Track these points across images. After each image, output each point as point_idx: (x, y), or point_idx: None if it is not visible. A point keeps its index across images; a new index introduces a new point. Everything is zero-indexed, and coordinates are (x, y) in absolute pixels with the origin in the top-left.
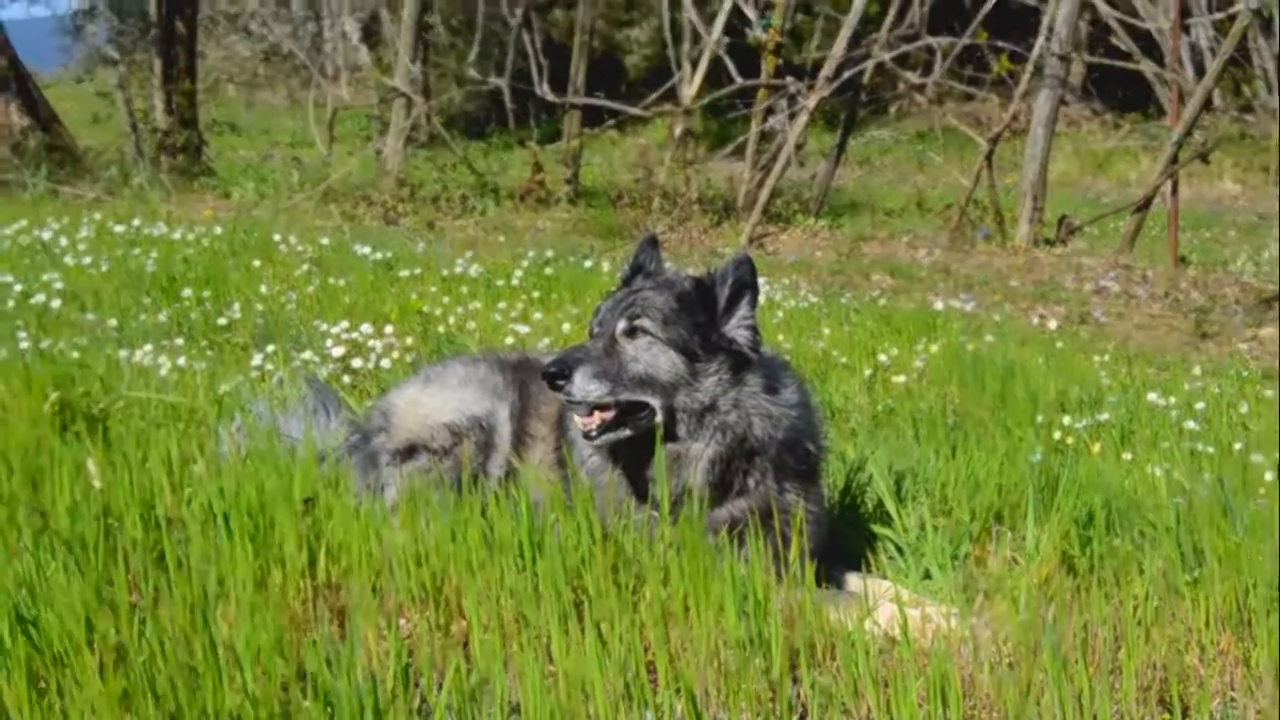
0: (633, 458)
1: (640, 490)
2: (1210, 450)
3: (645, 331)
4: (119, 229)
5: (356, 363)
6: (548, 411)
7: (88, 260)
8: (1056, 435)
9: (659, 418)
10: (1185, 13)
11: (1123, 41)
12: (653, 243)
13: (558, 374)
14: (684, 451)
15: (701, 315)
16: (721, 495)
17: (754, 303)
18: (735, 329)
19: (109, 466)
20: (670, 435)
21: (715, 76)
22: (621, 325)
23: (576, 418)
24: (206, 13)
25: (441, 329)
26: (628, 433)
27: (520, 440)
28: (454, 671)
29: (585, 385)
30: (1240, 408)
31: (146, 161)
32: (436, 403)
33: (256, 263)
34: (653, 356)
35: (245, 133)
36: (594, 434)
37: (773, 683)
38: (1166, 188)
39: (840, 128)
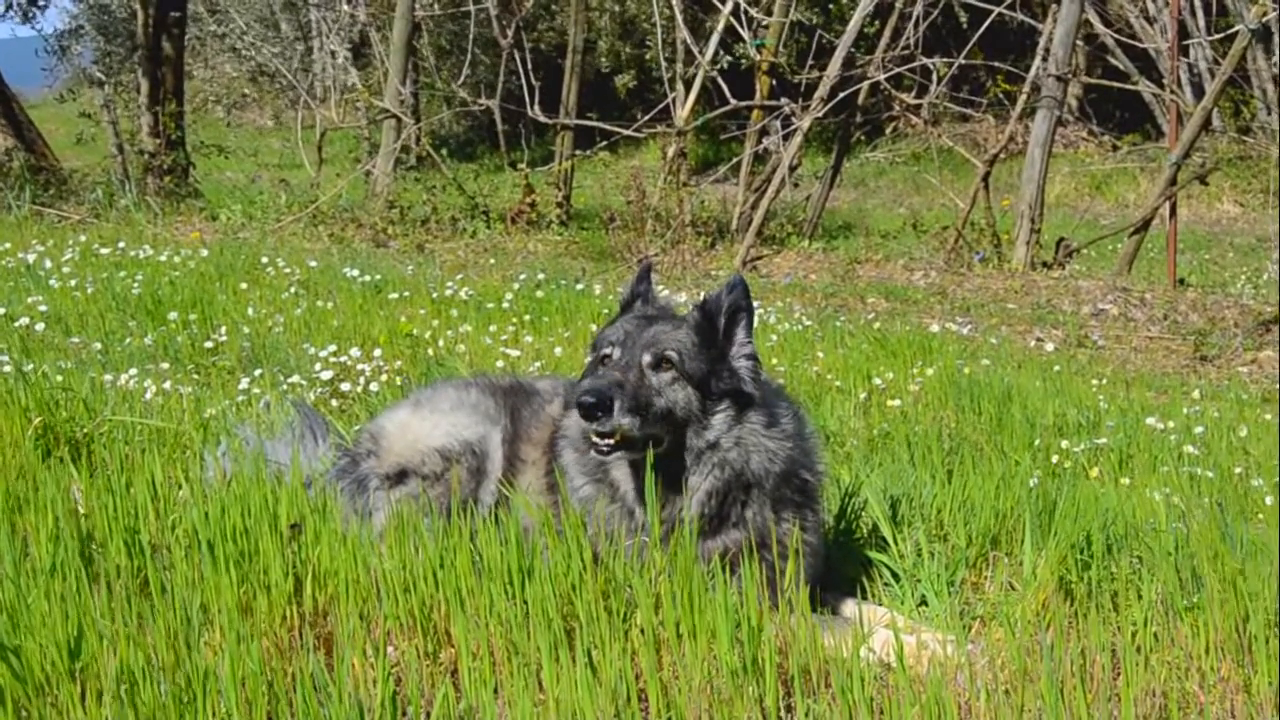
0: (635, 485)
1: (638, 517)
2: (1209, 475)
3: (671, 366)
4: (104, 251)
5: (345, 386)
6: (539, 436)
7: (73, 283)
8: (1054, 459)
9: (664, 447)
10: (1183, 33)
11: (1120, 62)
12: (650, 270)
13: (598, 405)
14: (682, 483)
15: (713, 349)
16: (717, 526)
17: (750, 325)
18: (737, 358)
19: (93, 492)
20: (671, 466)
21: (709, 97)
22: (647, 359)
23: (592, 435)
24: (194, 33)
25: (431, 352)
26: (637, 453)
27: (511, 465)
28: (442, 700)
29: (620, 419)
30: (1240, 431)
31: (132, 183)
32: (427, 427)
33: (244, 285)
34: (673, 392)
35: (233, 154)
36: (606, 449)
37: (766, 710)
38: (1165, 209)
39: (835, 149)
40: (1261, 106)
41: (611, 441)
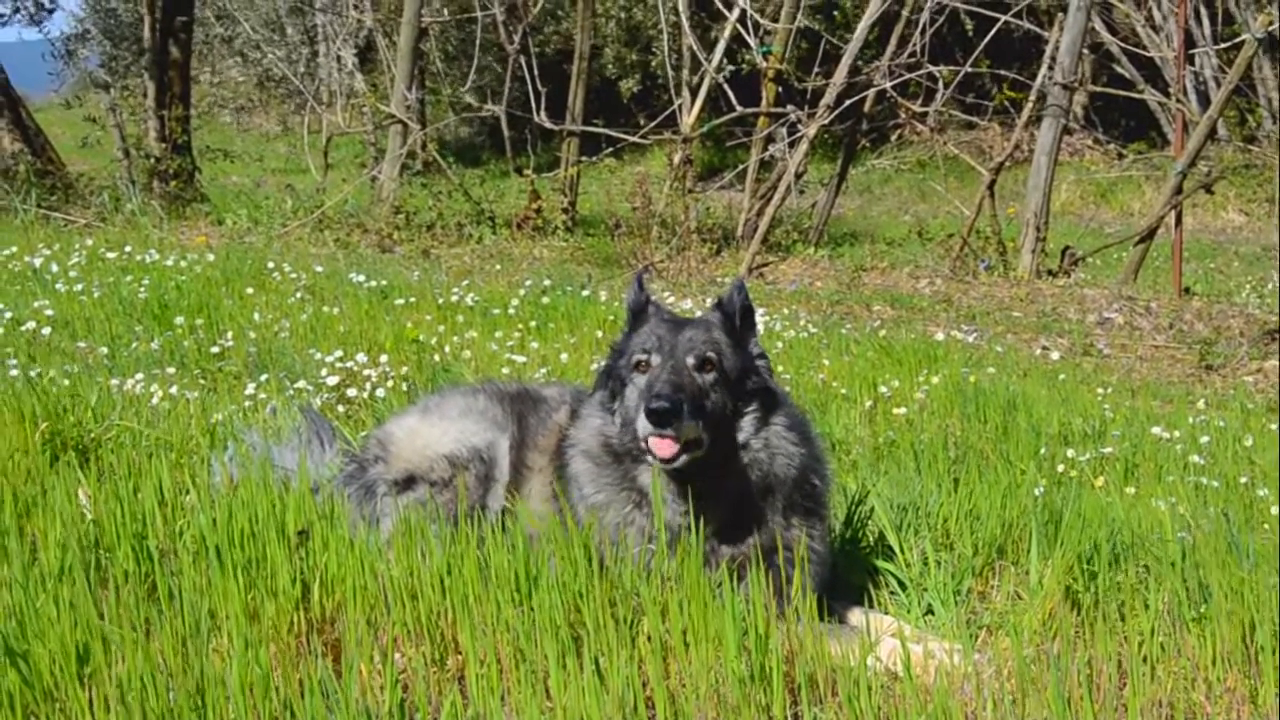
0: (669, 491)
1: (670, 522)
2: (1215, 484)
3: (713, 367)
4: (111, 255)
5: (351, 392)
6: (545, 444)
7: (79, 287)
8: (1059, 468)
9: (702, 451)
10: (1189, 42)
11: (1126, 70)
12: (643, 277)
13: (672, 410)
14: (712, 486)
15: (739, 349)
16: (735, 531)
17: (754, 324)
18: (755, 359)
19: (100, 497)
20: (701, 469)
21: (715, 104)
22: (691, 361)
23: (654, 448)
24: (200, 38)
25: (437, 358)
26: (687, 459)
27: (518, 472)
28: (450, 707)
29: (688, 422)
30: (1245, 441)
31: (138, 187)
32: (436, 433)
33: (250, 290)
34: (716, 393)
35: (238, 159)
36: (671, 455)
37: (773, 719)
38: (1170, 218)
39: (841, 156)
40: (1267, 115)
41: (676, 449)
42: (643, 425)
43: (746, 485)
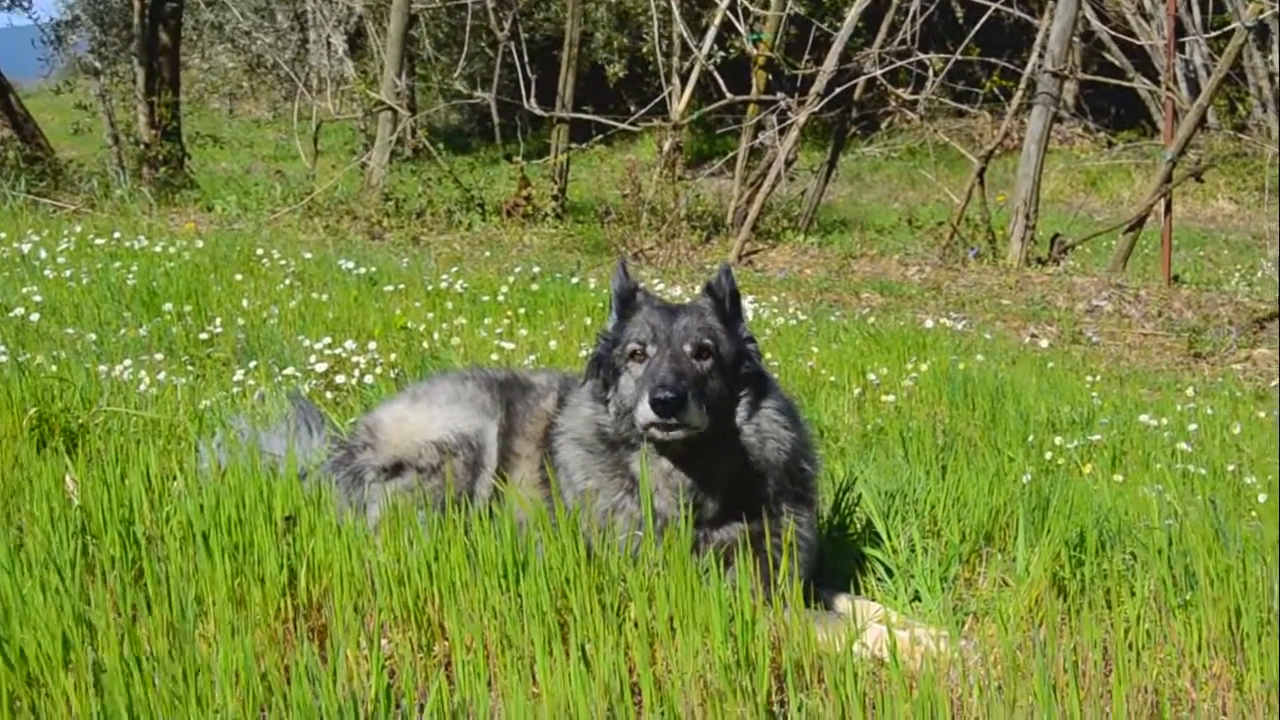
0: (662, 478)
1: (662, 509)
2: (1203, 472)
3: (709, 354)
4: (99, 242)
5: (339, 379)
6: (533, 431)
7: (68, 273)
8: (1047, 455)
9: (696, 429)
10: (1179, 30)
11: (1116, 58)
12: (626, 264)
13: (680, 401)
14: (704, 472)
15: (731, 334)
16: (725, 516)
17: (742, 309)
18: (745, 343)
19: (88, 483)
20: (694, 455)
21: (705, 91)
22: (689, 349)
23: (656, 428)
24: (190, 23)
25: (426, 345)
26: (684, 432)
27: (505, 459)
28: (436, 692)
29: (692, 411)
30: (1233, 429)
31: (128, 174)
32: (424, 420)
33: (238, 277)
34: (714, 380)
35: (228, 145)
36: (666, 427)
37: (759, 705)
38: (1160, 206)
39: (831, 144)
40: (1257, 104)
41: (674, 421)
42: (645, 412)
43: (737, 470)
